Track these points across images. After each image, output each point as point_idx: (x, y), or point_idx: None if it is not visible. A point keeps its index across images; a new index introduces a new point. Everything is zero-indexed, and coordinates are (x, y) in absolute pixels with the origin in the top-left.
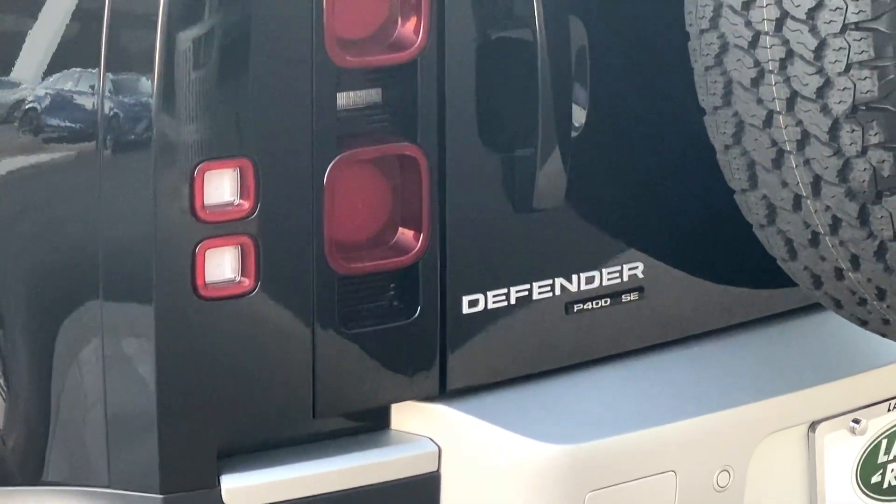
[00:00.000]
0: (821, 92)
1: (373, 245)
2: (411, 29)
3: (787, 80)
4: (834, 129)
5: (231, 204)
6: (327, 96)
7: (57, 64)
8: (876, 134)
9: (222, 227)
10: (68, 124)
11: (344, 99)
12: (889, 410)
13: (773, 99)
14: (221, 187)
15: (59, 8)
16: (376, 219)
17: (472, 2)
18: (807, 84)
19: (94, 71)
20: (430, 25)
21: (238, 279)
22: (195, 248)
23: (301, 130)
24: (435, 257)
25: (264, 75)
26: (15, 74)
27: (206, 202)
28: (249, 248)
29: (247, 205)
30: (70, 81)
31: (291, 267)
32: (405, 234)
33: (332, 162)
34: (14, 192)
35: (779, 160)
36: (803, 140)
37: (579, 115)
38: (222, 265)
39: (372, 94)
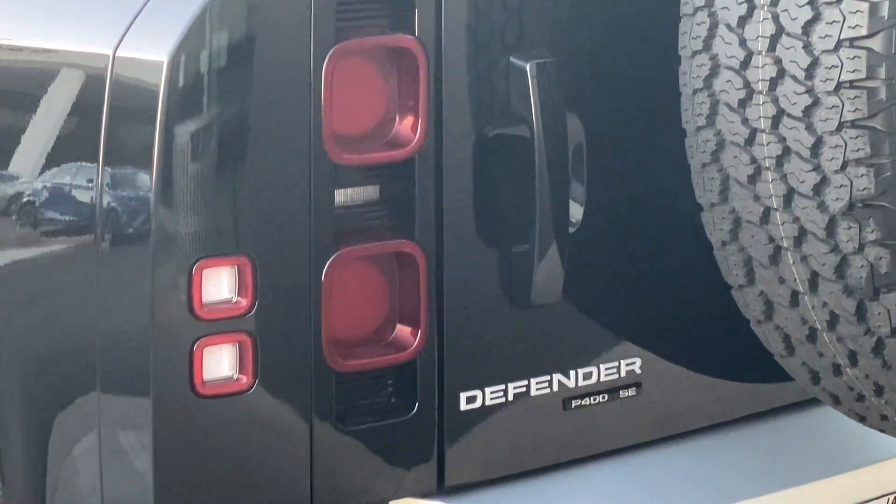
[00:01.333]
0: (818, 189)
1: (371, 342)
2: (409, 126)
3: (784, 176)
4: (831, 226)
5: (229, 301)
6: (325, 193)
7: (56, 158)
8: (873, 231)
9: (220, 325)
10: (66, 217)
11: (342, 196)
12: None
13: (770, 196)
14: (220, 285)
15: (58, 102)
16: (374, 315)
17: (470, 99)
18: (803, 181)
19: (92, 165)
20: (428, 123)
21: (236, 377)
22: (193, 345)
23: (299, 227)
24: (433, 353)
25: (262, 172)
26: (14, 168)
27: (204, 300)
28: (247, 346)
29: (245, 302)
30: (68, 175)
31: (289, 364)
32: (403, 330)
33: (330, 259)
34: (12, 284)
35: (776, 256)
36: (800, 236)
37: (576, 212)
38: (220, 362)
39: (370, 191)
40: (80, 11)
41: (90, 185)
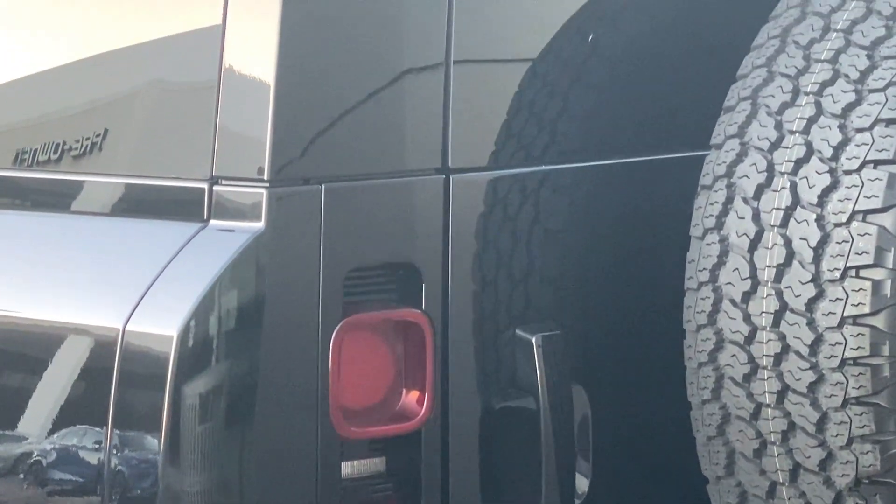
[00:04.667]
0: (823, 465)
1: None
2: (415, 399)
3: (790, 451)
4: (837, 502)
5: None
6: (331, 466)
7: (64, 420)
8: None
9: None
10: (74, 478)
11: (348, 468)
12: None
13: (777, 470)
14: None
15: (68, 369)
16: None
17: (477, 371)
18: (809, 457)
19: (100, 429)
20: (435, 395)
21: None
22: None
23: (306, 497)
24: None
25: (268, 444)
26: (22, 428)
27: None
28: None
29: None
30: (76, 437)
31: None
32: None
33: None
34: None
35: None
36: None
37: (582, 484)
38: None
39: (376, 463)
40: (91, 287)
41: (98, 446)
